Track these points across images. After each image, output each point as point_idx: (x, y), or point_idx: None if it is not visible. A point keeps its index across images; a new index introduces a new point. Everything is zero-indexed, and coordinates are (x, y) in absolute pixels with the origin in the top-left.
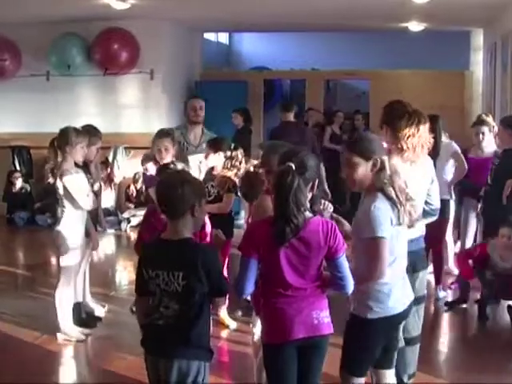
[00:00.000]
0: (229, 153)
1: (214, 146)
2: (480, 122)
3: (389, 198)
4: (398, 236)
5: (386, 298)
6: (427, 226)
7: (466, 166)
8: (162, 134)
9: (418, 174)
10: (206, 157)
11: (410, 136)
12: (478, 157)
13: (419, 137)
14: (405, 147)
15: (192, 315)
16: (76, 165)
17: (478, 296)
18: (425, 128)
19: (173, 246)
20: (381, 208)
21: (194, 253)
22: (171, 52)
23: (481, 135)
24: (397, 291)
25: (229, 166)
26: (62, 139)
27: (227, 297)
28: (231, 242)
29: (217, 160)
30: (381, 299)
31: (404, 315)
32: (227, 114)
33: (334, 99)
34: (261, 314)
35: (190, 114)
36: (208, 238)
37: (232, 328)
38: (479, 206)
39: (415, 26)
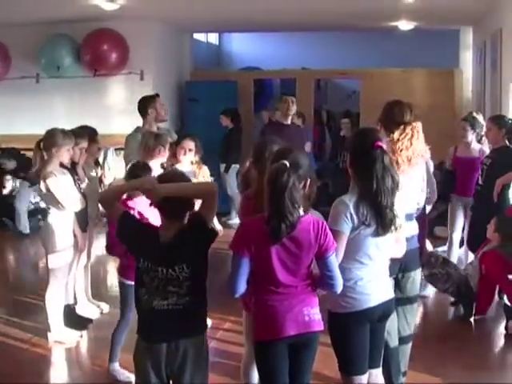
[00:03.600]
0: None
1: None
2: (464, 117)
3: (360, 195)
4: (373, 238)
5: (352, 292)
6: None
7: None
8: (187, 135)
9: (409, 178)
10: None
11: (403, 149)
12: (465, 156)
13: (413, 150)
14: (400, 161)
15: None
16: (63, 166)
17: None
18: (418, 141)
19: (171, 247)
20: (344, 203)
21: (192, 240)
22: (161, 52)
23: (462, 131)
24: (368, 286)
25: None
26: (49, 141)
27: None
28: None
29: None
30: (348, 293)
31: (379, 311)
32: (217, 114)
33: (324, 99)
34: (252, 311)
35: (161, 113)
36: None
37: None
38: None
39: (405, 25)
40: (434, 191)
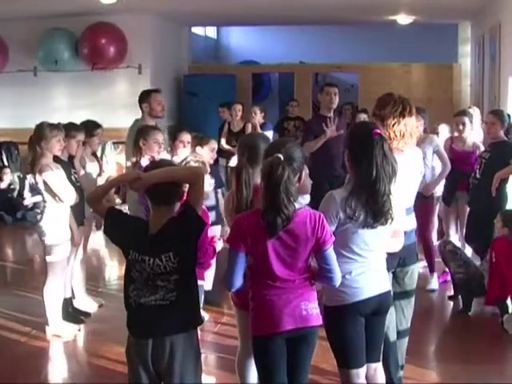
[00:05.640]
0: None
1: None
2: (461, 112)
3: (354, 188)
4: (360, 232)
5: (341, 285)
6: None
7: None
8: (182, 128)
9: (406, 164)
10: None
11: (395, 123)
12: (460, 149)
13: (405, 124)
14: (392, 135)
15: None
16: (59, 159)
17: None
18: (410, 115)
19: (158, 236)
20: (333, 199)
21: (179, 228)
22: (159, 46)
23: (461, 125)
24: (358, 279)
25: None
26: (37, 135)
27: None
28: None
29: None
30: (338, 287)
31: (372, 304)
32: (215, 107)
33: None
34: (250, 306)
35: (156, 109)
36: None
37: (206, 320)
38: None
39: (403, 19)
40: (445, 165)
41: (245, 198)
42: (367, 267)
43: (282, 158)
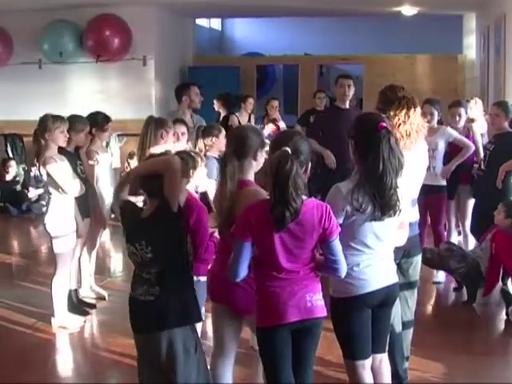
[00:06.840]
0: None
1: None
2: (457, 103)
3: (360, 181)
4: (368, 223)
5: (349, 277)
6: (428, 205)
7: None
8: (178, 120)
9: (412, 160)
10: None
11: (401, 124)
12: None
13: (411, 124)
14: (398, 135)
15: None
16: (64, 151)
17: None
18: (415, 114)
19: (137, 225)
20: (339, 191)
21: (153, 218)
22: (163, 38)
23: (457, 117)
24: (366, 271)
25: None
26: (41, 127)
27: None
28: None
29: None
30: (345, 279)
31: (380, 296)
32: None
33: (327, 84)
34: (255, 297)
35: (195, 101)
36: None
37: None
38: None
39: (408, 10)
40: (467, 147)
41: (228, 190)
42: (375, 259)
43: (290, 151)
